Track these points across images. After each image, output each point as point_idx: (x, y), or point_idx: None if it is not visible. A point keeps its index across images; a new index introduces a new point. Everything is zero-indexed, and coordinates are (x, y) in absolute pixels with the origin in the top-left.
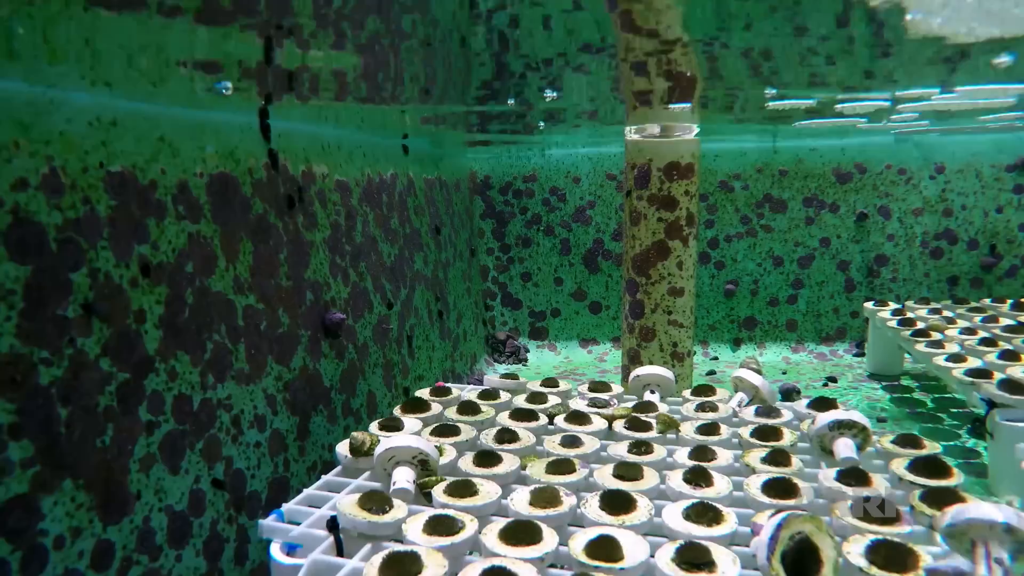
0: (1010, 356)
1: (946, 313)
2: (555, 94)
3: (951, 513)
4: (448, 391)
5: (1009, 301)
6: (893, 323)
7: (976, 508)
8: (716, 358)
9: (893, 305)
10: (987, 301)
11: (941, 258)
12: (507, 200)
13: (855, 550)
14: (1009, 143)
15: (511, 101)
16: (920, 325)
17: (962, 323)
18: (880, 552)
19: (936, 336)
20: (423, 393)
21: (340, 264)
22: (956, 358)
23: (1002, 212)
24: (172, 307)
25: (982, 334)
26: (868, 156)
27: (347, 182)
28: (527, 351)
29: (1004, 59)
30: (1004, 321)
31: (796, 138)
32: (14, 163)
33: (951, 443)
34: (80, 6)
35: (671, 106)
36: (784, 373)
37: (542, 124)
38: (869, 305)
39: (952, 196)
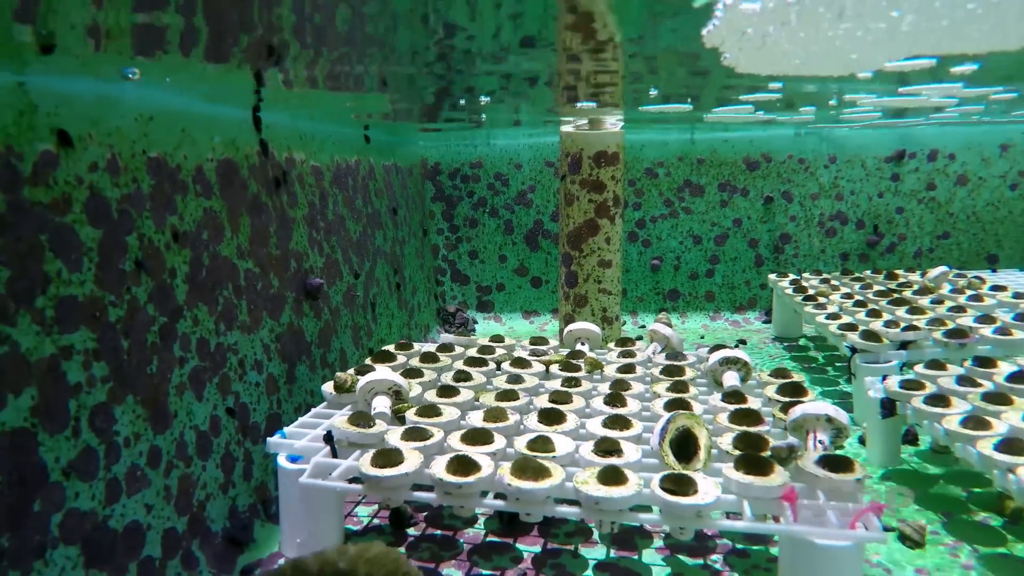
0: (874, 314)
1: (833, 282)
2: (487, 99)
3: (792, 411)
4: (410, 346)
5: (883, 272)
6: (790, 290)
7: (807, 405)
8: (644, 326)
9: (792, 276)
10: (868, 272)
11: (835, 236)
12: (455, 185)
13: (725, 441)
14: (887, 138)
15: (463, 102)
16: (811, 292)
17: (844, 289)
18: (742, 440)
19: (822, 300)
20: (389, 347)
21: (316, 238)
22: (833, 316)
23: (883, 197)
24: (194, 267)
25: (857, 297)
26: (773, 147)
27: (320, 167)
28: (475, 322)
29: (777, 84)
30: (876, 288)
31: (711, 130)
32: (89, 150)
33: (833, 388)
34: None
35: (590, 104)
36: (702, 337)
37: (483, 116)
38: (773, 277)
39: (843, 183)
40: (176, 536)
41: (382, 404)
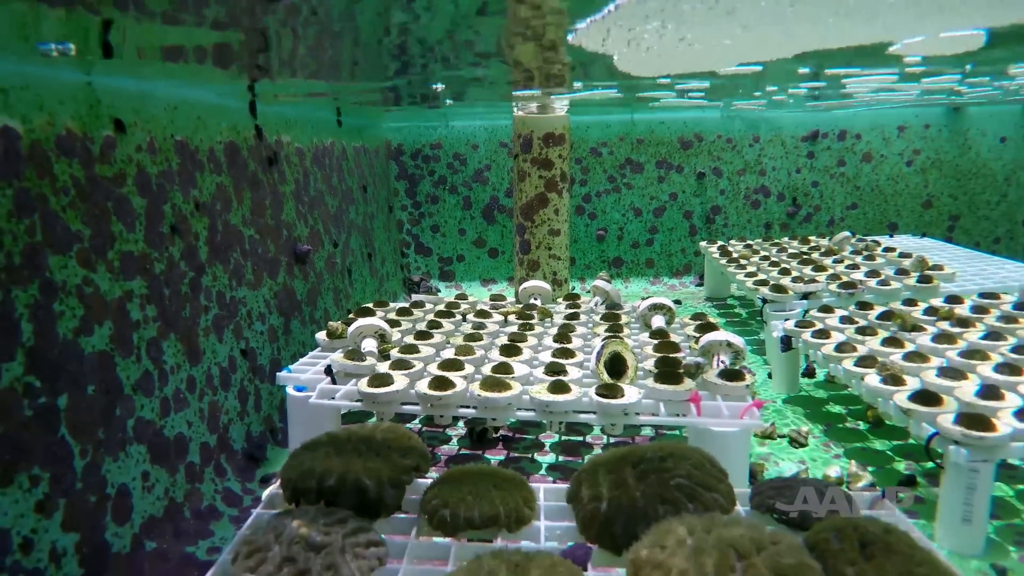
0: (784, 272)
1: (755, 247)
2: (441, 86)
3: (702, 339)
4: (387, 303)
5: (798, 238)
6: (716, 255)
7: (713, 334)
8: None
9: (720, 243)
10: (786, 239)
11: (759, 208)
12: (417, 164)
13: (649, 364)
14: (803, 119)
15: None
16: (734, 255)
17: (763, 253)
18: (661, 361)
19: (743, 262)
20: (368, 305)
21: (302, 210)
22: (750, 274)
23: (800, 172)
24: (211, 232)
25: (772, 259)
26: (704, 128)
27: (303, 148)
28: (437, 290)
29: (665, 79)
30: (790, 251)
31: (649, 112)
32: (136, 134)
33: (752, 337)
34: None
35: (541, 92)
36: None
37: (449, 101)
38: (704, 244)
39: (765, 160)
40: (209, 449)
41: (370, 345)
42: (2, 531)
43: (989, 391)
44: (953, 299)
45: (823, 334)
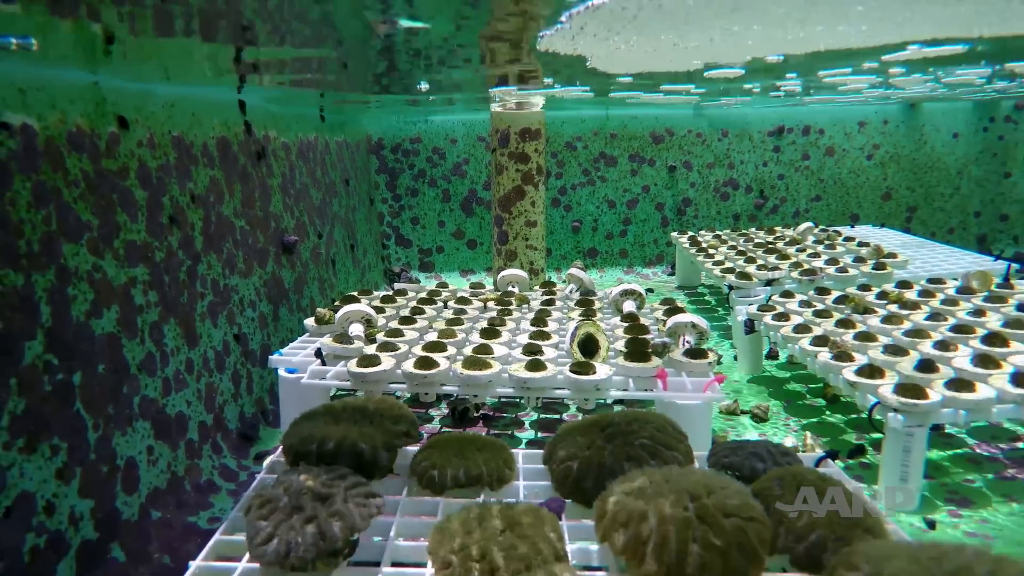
0: (749, 260)
1: (724, 237)
2: (427, 85)
3: (669, 321)
4: (371, 292)
5: (764, 229)
6: (687, 245)
7: (678, 316)
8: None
9: (690, 234)
10: (753, 230)
11: (728, 200)
12: (397, 158)
13: (619, 344)
14: (769, 115)
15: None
16: (703, 245)
17: (731, 243)
18: (630, 342)
19: (712, 252)
20: (353, 293)
21: (289, 203)
22: (718, 263)
23: (767, 166)
24: (206, 223)
25: (740, 248)
26: (675, 123)
27: (288, 143)
28: (418, 281)
29: (627, 79)
30: (756, 240)
31: (622, 108)
32: (137, 131)
33: (720, 323)
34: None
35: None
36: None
37: (432, 98)
38: (675, 234)
39: (734, 154)
40: (207, 427)
41: (357, 329)
42: (29, 494)
43: (926, 365)
44: (903, 284)
45: (783, 317)
